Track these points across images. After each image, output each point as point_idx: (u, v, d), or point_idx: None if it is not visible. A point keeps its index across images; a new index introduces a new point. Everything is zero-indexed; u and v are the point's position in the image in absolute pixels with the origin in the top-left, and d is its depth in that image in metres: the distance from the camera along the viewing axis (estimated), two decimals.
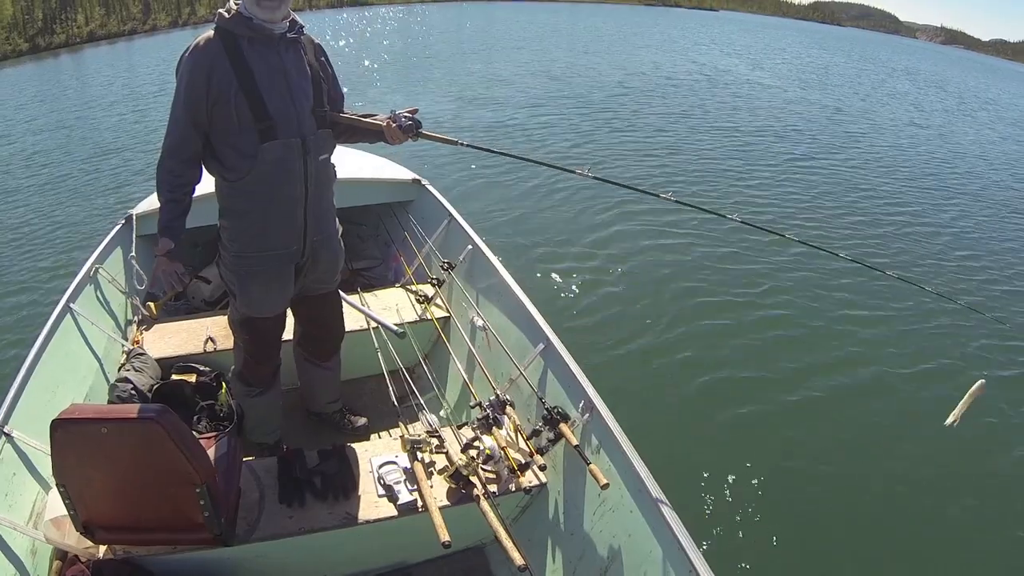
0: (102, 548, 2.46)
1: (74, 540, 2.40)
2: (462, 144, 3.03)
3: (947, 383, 5.52)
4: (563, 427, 2.88)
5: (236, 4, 2.59)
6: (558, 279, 6.94)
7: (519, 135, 13.26)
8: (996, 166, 14.98)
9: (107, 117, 14.23)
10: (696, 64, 29.07)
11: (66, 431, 2.10)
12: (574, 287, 6.80)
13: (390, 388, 3.41)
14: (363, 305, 4.08)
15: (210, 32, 2.59)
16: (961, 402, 2.60)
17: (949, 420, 2.61)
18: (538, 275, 6.95)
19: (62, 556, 2.46)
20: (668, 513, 2.37)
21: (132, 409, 2.19)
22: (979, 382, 2.59)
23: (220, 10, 2.60)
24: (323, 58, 2.86)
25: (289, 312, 3.21)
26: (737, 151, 13.30)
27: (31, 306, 6.22)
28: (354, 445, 3.04)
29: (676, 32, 49.94)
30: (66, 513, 2.29)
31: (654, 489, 2.47)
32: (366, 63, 23.00)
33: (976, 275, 8.10)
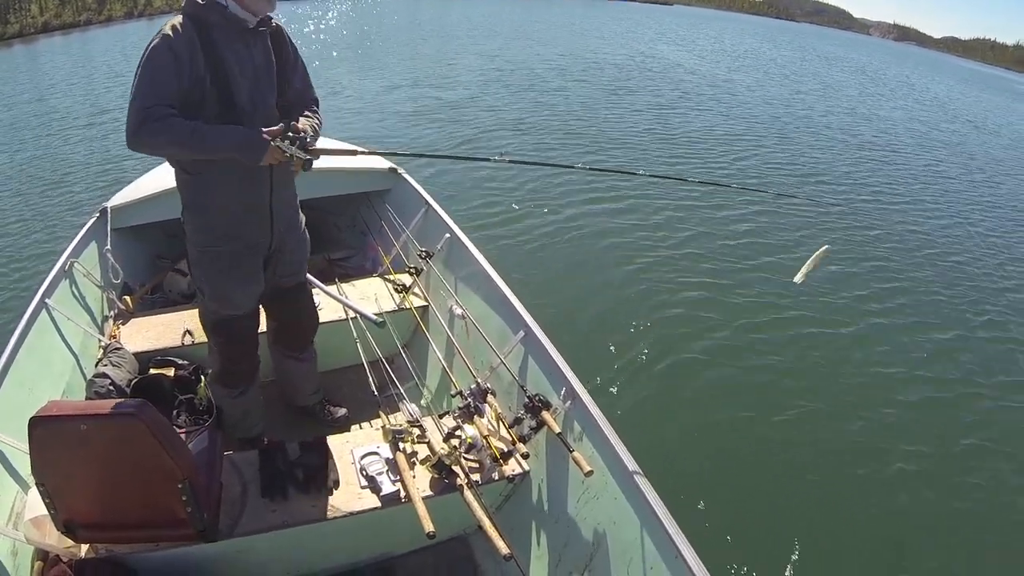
0: (84, 547, 2.43)
1: (55, 540, 2.37)
2: (360, 152, 2.98)
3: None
4: (545, 414, 2.88)
5: None
6: (537, 267, 6.97)
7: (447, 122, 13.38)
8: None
9: (73, 108, 13.96)
10: (633, 52, 29.92)
11: (44, 429, 2.07)
12: (552, 273, 6.83)
13: (370, 378, 3.40)
14: (341, 295, 4.05)
15: (179, 18, 2.45)
16: (808, 262, 2.75)
17: (797, 278, 2.74)
18: (516, 262, 6.94)
19: (43, 556, 2.43)
20: (652, 498, 2.39)
21: (111, 405, 2.15)
22: (824, 247, 2.79)
23: None
24: (290, 48, 2.80)
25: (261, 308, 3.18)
26: (660, 118, 15.18)
27: (5, 302, 6.10)
28: (335, 437, 3.03)
29: (623, 25, 50.02)
30: (46, 513, 2.26)
31: (637, 475, 2.49)
32: (334, 54, 22.82)
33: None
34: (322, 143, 2.84)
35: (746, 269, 7.45)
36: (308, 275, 3.40)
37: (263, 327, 3.28)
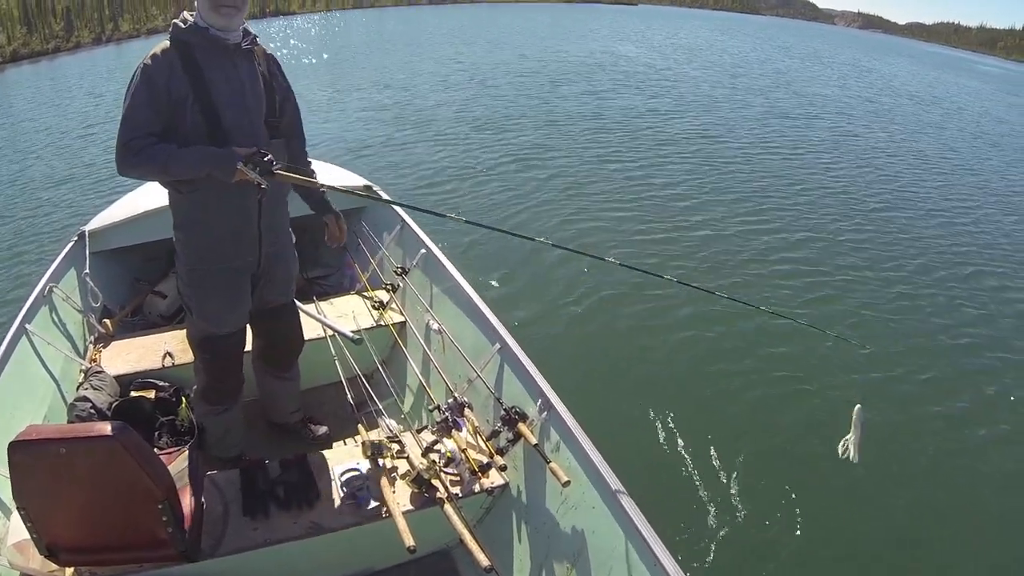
0: (68, 571, 2.44)
1: (38, 564, 2.38)
2: (328, 188, 3.02)
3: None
4: (521, 426, 2.92)
5: (191, 15, 2.59)
6: (509, 278, 7.02)
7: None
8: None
9: (47, 135, 13.87)
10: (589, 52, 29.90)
11: (24, 453, 2.08)
12: (527, 288, 6.87)
13: (349, 395, 3.43)
14: (319, 314, 4.08)
15: (165, 43, 2.58)
16: (851, 434, 2.77)
17: (853, 457, 2.79)
18: (491, 276, 6.99)
19: None
20: (630, 507, 2.43)
21: (90, 428, 2.17)
22: (856, 407, 2.76)
23: (175, 20, 2.61)
24: (276, 68, 2.88)
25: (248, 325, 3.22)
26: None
27: None
28: (316, 454, 3.05)
29: (588, 27, 50.31)
30: (29, 537, 2.27)
31: (615, 484, 2.53)
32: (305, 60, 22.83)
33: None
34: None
35: (720, 261, 7.57)
36: None
37: (248, 345, 3.31)
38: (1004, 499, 4.65)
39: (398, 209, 4.70)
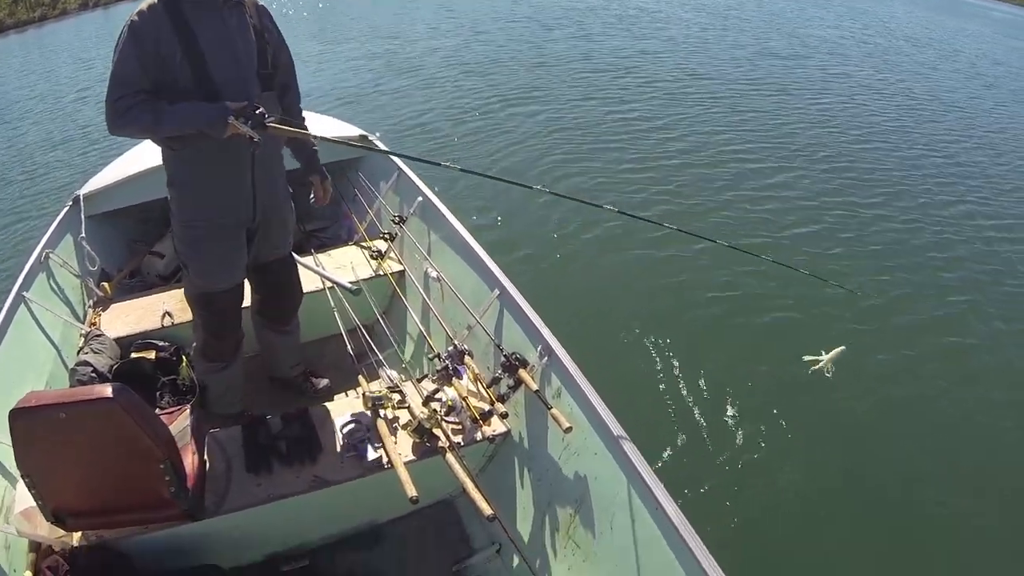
0: (76, 535, 2.46)
1: (46, 530, 2.39)
2: (325, 139, 2.93)
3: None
4: (522, 372, 2.91)
5: None
6: (507, 223, 6.96)
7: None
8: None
9: (38, 102, 13.69)
10: None
11: (25, 420, 2.08)
12: (524, 233, 6.80)
13: (349, 347, 3.42)
14: (317, 266, 4.05)
15: None
16: (825, 358, 2.87)
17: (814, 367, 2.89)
18: (488, 222, 6.93)
19: (36, 548, 2.45)
20: (632, 453, 2.42)
21: (89, 391, 2.17)
22: (841, 348, 2.85)
23: None
24: (268, 20, 2.80)
25: (246, 280, 3.20)
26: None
27: None
28: (317, 407, 3.06)
29: None
30: (35, 504, 2.29)
31: (616, 429, 2.52)
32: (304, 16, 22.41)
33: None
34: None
35: (726, 218, 7.39)
36: None
37: (247, 301, 3.30)
38: (994, 428, 4.71)
39: (394, 158, 4.63)
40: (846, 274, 6.21)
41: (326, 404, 3.12)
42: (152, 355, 3.56)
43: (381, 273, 4.09)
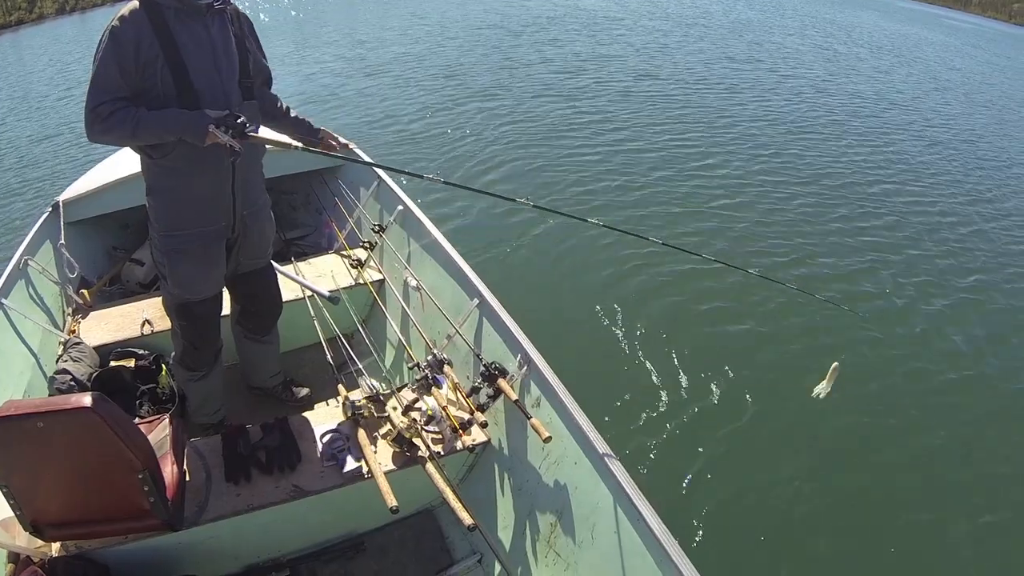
0: (54, 546, 2.44)
1: (24, 541, 2.37)
2: (301, 147, 2.95)
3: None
4: (502, 382, 2.92)
5: None
6: (486, 233, 6.97)
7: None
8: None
9: (16, 106, 13.58)
10: None
11: (2, 429, 2.05)
12: (502, 243, 6.81)
13: (328, 356, 3.42)
14: (297, 274, 4.05)
15: (134, 3, 2.46)
16: (824, 380, 2.91)
17: (818, 392, 2.94)
18: (468, 231, 6.94)
19: (14, 559, 2.43)
20: (612, 462, 2.43)
21: (67, 400, 2.13)
22: (834, 364, 2.89)
23: None
24: (248, 28, 2.81)
25: (225, 290, 3.19)
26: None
27: None
28: (297, 416, 3.05)
29: None
30: (12, 514, 2.27)
31: (596, 439, 2.53)
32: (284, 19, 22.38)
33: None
34: (265, 132, 2.88)
35: (709, 230, 7.46)
36: None
37: (226, 310, 3.29)
38: (974, 435, 4.83)
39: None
40: (829, 285, 6.33)
41: (306, 414, 3.12)
42: (132, 363, 3.53)
43: (361, 282, 4.09)
